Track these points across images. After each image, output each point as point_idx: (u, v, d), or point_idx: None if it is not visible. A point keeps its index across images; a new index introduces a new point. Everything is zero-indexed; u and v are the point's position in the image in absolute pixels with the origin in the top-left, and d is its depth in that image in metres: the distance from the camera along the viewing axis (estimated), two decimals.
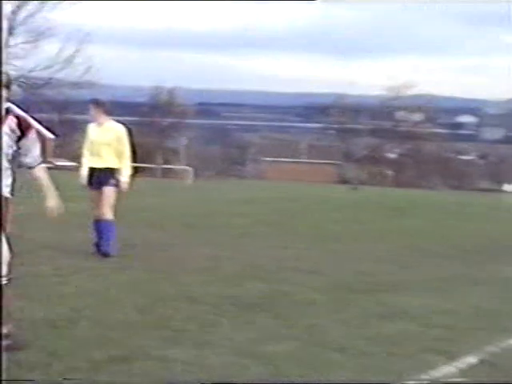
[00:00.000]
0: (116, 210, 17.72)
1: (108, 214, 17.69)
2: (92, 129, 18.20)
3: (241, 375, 8.66)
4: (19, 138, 9.60)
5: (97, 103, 18.54)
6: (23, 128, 9.63)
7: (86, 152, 18.15)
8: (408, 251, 21.51)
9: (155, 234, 21.92)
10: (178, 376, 8.50)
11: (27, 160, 9.83)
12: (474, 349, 10.28)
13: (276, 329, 10.90)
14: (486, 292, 14.98)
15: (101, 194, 17.75)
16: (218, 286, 14.18)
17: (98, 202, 17.80)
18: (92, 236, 17.72)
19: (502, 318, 12.55)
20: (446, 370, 9.31)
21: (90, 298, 12.50)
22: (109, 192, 17.73)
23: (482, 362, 9.86)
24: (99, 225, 17.73)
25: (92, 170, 17.97)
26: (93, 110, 18.27)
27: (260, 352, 9.62)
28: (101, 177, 17.79)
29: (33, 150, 9.91)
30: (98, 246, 17.64)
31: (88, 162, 18.07)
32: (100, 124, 18.07)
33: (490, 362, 9.83)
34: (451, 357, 9.81)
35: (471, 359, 9.87)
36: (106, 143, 17.88)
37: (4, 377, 5.62)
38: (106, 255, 17.15)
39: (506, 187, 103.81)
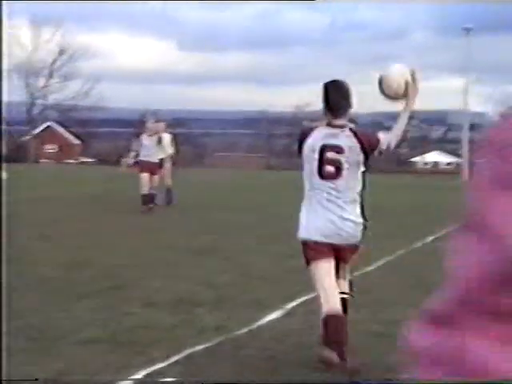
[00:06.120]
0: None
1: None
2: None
3: (195, 296, 8.70)
4: None
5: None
6: None
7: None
8: None
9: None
10: (156, 298, 8.52)
11: None
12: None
13: (220, 266, 10.94)
14: None
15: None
16: (184, 238, 14.19)
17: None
18: None
19: (365, 254, 12.65)
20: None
21: (96, 248, 12.50)
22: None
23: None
24: None
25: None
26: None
27: (208, 281, 9.66)
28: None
29: None
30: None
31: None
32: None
33: (354, 283, 9.95)
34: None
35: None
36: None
37: (4, 377, 5.35)
38: None
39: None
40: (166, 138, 20.91)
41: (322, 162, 5.67)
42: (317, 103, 6.92)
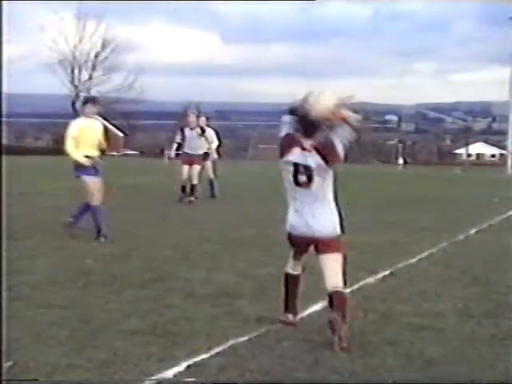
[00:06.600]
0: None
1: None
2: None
3: (237, 288, 8.72)
4: None
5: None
6: None
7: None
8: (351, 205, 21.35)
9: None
10: (197, 290, 8.55)
11: None
12: (387, 266, 10.35)
13: (261, 258, 10.92)
14: (396, 230, 15.02)
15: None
16: (225, 230, 14.21)
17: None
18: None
19: (408, 246, 12.59)
20: (368, 280, 9.39)
21: (139, 240, 12.56)
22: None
23: (391, 273, 9.94)
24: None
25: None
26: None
27: (250, 273, 9.68)
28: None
29: None
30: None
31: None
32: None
33: (397, 274, 9.93)
34: (373, 272, 9.89)
35: (386, 272, 9.95)
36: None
37: (4, 377, 5.38)
38: None
39: (399, 160, 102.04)
40: (209, 131, 21.04)
41: (296, 173, 6.69)
42: (359, 95, 7.08)
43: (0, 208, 11.50)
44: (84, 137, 12.27)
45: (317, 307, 7.71)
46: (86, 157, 12.26)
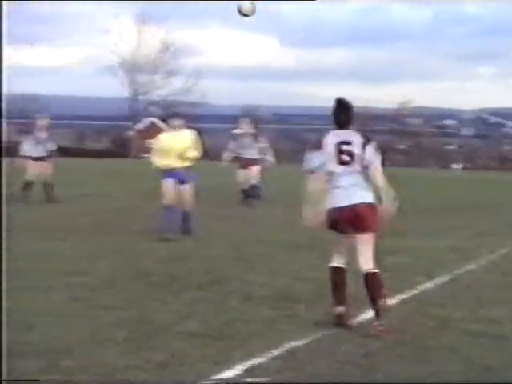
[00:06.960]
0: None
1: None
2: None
3: (294, 291, 8.70)
4: None
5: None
6: None
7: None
8: (410, 210, 21.15)
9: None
10: (255, 292, 8.55)
11: None
12: (446, 272, 10.24)
13: (315, 261, 10.87)
14: (455, 235, 14.84)
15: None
16: (281, 233, 14.19)
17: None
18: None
19: (468, 252, 12.44)
20: (427, 285, 9.31)
21: (197, 241, 12.62)
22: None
23: (450, 279, 9.84)
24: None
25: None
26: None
27: (306, 276, 9.66)
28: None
29: None
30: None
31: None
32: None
33: (456, 280, 9.82)
34: (431, 277, 9.79)
35: (444, 278, 9.85)
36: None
37: (4, 377, 5.33)
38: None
39: (454, 166, 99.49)
40: (260, 138, 21.87)
41: (339, 153, 7.18)
42: (419, 100, 7.13)
43: (0, 208, 11.66)
44: (168, 148, 13.14)
45: (373, 312, 7.65)
46: (170, 167, 13.12)
